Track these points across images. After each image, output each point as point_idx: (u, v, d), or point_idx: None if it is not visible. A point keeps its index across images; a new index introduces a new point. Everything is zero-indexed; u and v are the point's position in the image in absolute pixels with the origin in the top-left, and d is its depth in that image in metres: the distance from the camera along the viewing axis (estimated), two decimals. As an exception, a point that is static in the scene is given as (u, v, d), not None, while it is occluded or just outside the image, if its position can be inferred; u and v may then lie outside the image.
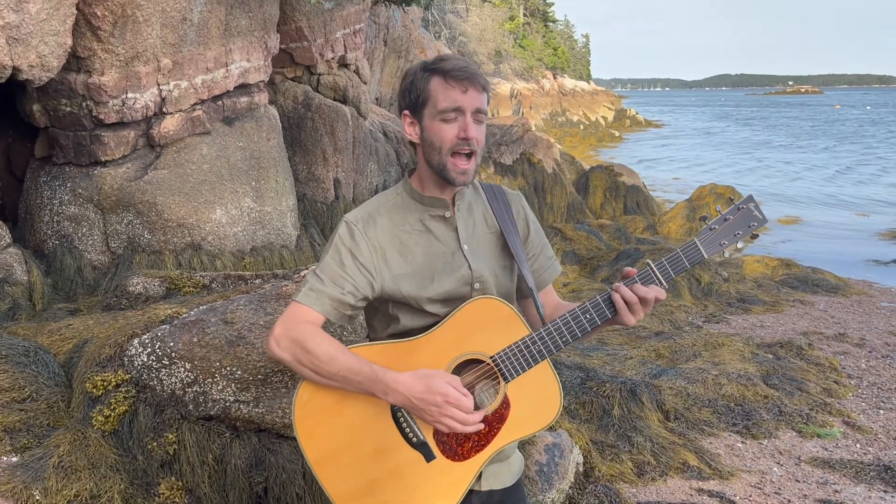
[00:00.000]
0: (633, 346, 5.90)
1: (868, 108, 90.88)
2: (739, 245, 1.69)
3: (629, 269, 1.66)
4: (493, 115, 25.48)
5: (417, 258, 1.69)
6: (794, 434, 4.30)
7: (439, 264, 1.69)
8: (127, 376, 2.65)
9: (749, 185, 19.83)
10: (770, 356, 5.57)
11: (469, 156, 1.65)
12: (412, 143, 1.72)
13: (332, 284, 1.64)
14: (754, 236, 1.70)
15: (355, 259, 1.65)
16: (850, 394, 4.95)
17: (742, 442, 4.22)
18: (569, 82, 49.14)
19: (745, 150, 33.04)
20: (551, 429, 3.65)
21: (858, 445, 4.16)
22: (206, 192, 5.78)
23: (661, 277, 1.65)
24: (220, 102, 6.17)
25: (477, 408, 1.64)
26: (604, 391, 4.38)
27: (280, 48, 7.22)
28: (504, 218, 1.76)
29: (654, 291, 1.63)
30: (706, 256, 1.67)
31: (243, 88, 6.46)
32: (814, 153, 31.45)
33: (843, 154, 30.64)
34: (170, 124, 5.66)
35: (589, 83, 57.80)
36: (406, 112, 1.70)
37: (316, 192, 7.79)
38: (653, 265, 1.65)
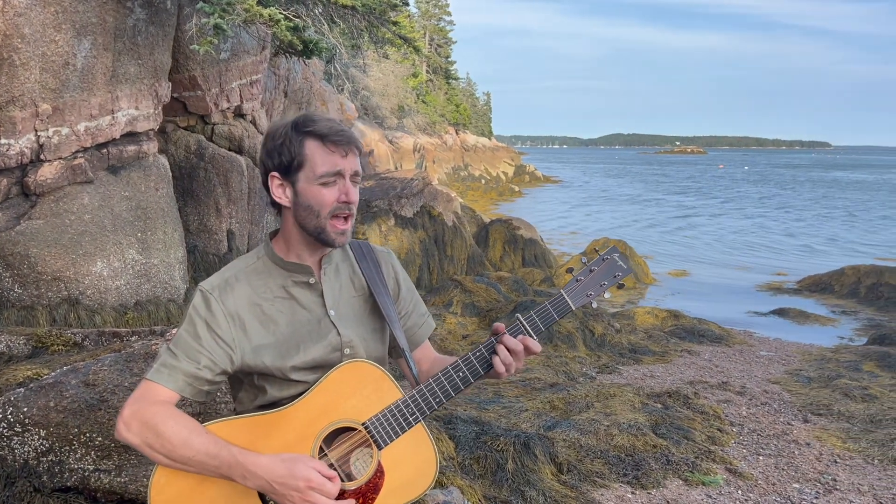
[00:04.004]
0: (529, 397, 5.93)
1: (746, 168, 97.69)
2: (607, 295, 1.72)
3: (498, 324, 1.65)
4: (396, 168, 25.67)
5: (280, 327, 1.60)
6: (681, 483, 4.40)
7: (304, 332, 1.61)
8: (-26, 446, 2.40)
9: (640, 239, 20.73)
10: (659, 406, 5.72)
11: (347, 217, 1.61)
12: (275, 205, 1.64)
13: (186, 359, 1.52)
14: (620, 286, 1.73)
15: (211, 330, 1.55)
16: (733, 441, 5.13)
17: (632, 493, 4.27)
18: (471, 138, 50.36)
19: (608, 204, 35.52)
20: (443, 486, 3.58)
21: (740, 492, 4.29)
22: (86, 243, 5.48)
23: (530, 330, 1.65)
24: (105, 150, 5.92)
25: (352, 479, 1.56)
26: (498, 445, 4.35)
27: (172, 97, 7.03)
28: (373, 278, 1.71)
29: (526, 342, 1.62)
30: (574, 308, 1.68)
31: (131, 137, 6.23)
32: (647, 206, 34.52)
33: (670, 208, 33.52)
34: (47, 172, 5.36)
35: (490, 139, 59.42)
36: (275, 174, 1.61)
37: (208, 244, 7.54)
38: (522, 319, 1.65)
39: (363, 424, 1.57)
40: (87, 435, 2.35)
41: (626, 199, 39.06)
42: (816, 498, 4.22)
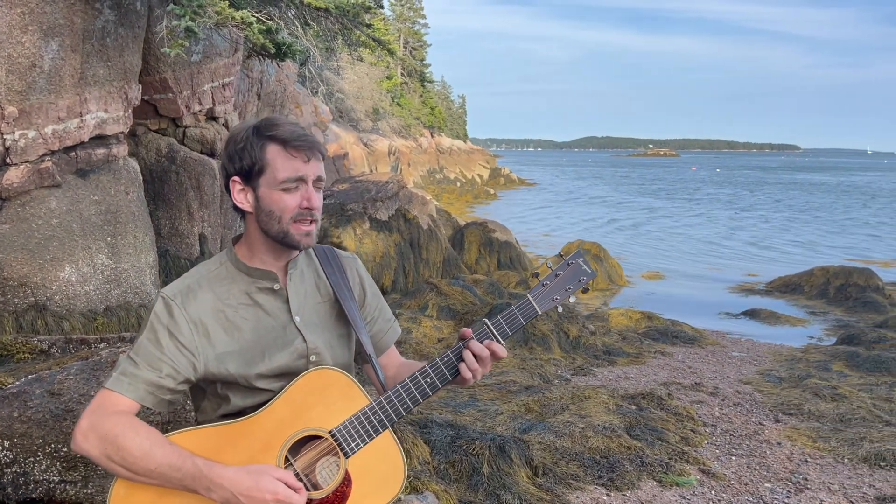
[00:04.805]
0: (504, 400, 5.93)
1: (718, 170, 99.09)
2: (572, 299, 1.72)
3: (466, 329, 1.64)
4: (371, 171, 25.59)
5: (245, 334, 1.57)
6: (655, 484, 4.42)
7: (269, 339, 1.58)
8: (-65, 458, 2.34)
9: (613, 241, 20.87)
10: (633, 407, 5.75)
11: (311, 222, 1.58)
12: (238, 210, 1.61)
13: (147, 367, 1.49)
14: (585, 290, 1.73)
15: (174, 338, 1.51)
16: (706, 441, 5.18)
17: (607, 495, 4.28)
18: (446, 141, 50.38)
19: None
20: (418, 491, 3.56)
21: (713, 492, 4.33)
22: (53, 248, 5.38)
23: (497, 335, 1.64)
24: (74, 154, 5.82)
25: (319, 488, 1.54)
26: (473, 449, 4.35)
27: (143, 99, 6.94)
28: (339, 283, 1.69)
29: (492, 347, 1.61)
30: (540, 312, 1.68)
31: (100, 140, 6.13)
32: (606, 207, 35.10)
33: (626, 210, 34.04)
34: (14, 176, 5.26)
35: (465, 142, 59.48)
36: (236, 179, 1.59)
37: (180, 248, 7.45)
38: (489, 324, 1.65)
39: (330, 432, 1.55)
40: (53, 446, 2.30)
41: (597, 201, 39.41)
42: (788, 497, 4.27)
